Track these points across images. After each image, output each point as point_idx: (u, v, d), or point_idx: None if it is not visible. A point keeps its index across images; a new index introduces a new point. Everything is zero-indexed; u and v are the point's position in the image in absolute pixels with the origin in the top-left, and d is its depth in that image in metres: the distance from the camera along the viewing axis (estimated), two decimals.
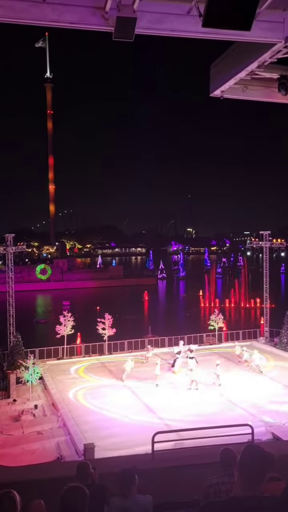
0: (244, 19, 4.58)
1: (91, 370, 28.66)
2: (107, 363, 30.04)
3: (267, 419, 20.06)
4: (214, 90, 12.76)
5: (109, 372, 27.89)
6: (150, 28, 9.16)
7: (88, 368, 29.03)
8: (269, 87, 12.57)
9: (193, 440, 10.17)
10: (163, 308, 71.00)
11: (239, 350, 30.91)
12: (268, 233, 38.29)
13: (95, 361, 30.64)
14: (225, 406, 22.07)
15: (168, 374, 27.67)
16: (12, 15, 8.67)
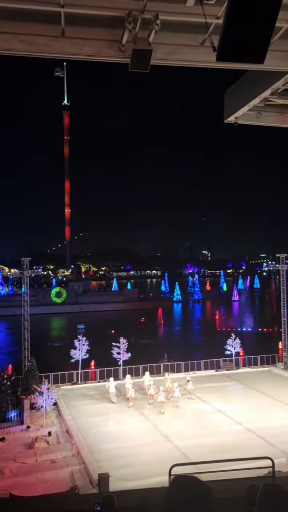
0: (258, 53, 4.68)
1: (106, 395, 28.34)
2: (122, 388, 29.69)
3: (287, 449, 19.49)
4: (228, 117, 12.96)
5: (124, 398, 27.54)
6: (165, 59, 9.42)
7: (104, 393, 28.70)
8: (283, 113, 12.72)
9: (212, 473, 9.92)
10: (179, 332, 70.35)
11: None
12: (285, 255, 38.00)
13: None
14: (242, 435, 21.56)
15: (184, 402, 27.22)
16: (33, 50, 9.04)
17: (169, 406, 25.75)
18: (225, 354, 34.57)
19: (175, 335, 67.25)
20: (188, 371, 33.38)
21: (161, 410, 24.91)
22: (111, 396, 26.97)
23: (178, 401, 25.80)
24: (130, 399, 26.32)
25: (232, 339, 34.22)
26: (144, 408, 25.66)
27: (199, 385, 30.30)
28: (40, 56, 9.18)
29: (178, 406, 25.58)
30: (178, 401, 25.79)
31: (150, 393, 26.58)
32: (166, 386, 26.92)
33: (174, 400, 25.82)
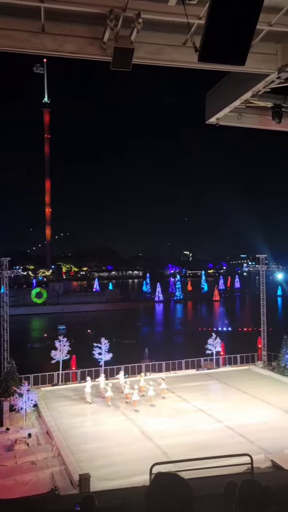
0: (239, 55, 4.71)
1: None
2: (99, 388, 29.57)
3: (265, 446, 19.72)
4: (209, 118, 13.05)
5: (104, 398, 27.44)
6: (147, 59, 9.43)
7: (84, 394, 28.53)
8: (263, 115, 12.87)
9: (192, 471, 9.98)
10: (160, 332, 70.50)
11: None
12: (264, 256, 38.50)
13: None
14: (222, 432, 21.73)
15: (162, 401, 27.32)
16: (13, 45, 8.93)
17: (146, 405, 25.89)
18: (206, 353, 34.80)
19: (157, 335, 67.36)
20: (170, 370, 33.56)
21: (136, 409, 25.10)
22: (86, 396, 27.00)
23: (152, 400, 26.03)
24: (108, 399, 26.28)
25: (213, 339, 34.47)
26: (124, 408, 25.63)
27: (180, 385, 30.45)
28: (19, 52, 9.08)
29: (153, 404, 25.80)
30: (152, 400, 26.03)
31: (125, 392, 26.71)
32: (139, 385, 27.13)
33: (148, 399, 26.06)
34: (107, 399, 26.24)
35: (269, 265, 42.10)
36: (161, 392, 27.42)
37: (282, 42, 9.66)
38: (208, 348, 34.45)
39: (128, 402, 26.31)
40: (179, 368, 34.14)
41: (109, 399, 26.30)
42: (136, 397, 25.60)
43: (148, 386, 26.66)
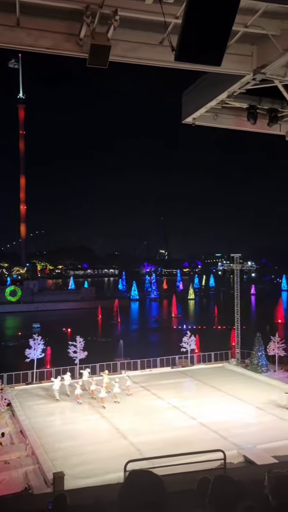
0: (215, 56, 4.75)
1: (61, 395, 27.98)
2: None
3: (238, 441, 20.00)
4: (186, 117, 13.11)
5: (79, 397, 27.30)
6: (124, 56, 9.39)
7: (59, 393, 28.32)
8: (239, 115, 13.02)
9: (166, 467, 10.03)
10: (136, 330, 70.55)
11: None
12: (239, 255, 39.07)
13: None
14: (196, 429, 21.91)
15: (140, 399, 27.41)
16: None
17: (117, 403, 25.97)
18: (181, 351, 35.04)
19: (132, 333, 67.38)
20: (145, 368, 33.66)
21: (103, 405, 25.27)
22: (55, 394, 26.99)
23: (117, 397, 26.30)
24: (79, 397, 26.28)
25: (188, 337, 34.72)
26: (99, 406, 25.55)
27: (155, 382, 30.58)
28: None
29: (118, 401, 26.05)
30: (117, 397, 26.29)
31: (91, 389, 26.96)
32: (104, 382, 27.28)
33: (113, 396, 26.27)
34: (102, 400, 25.85)
35: (244, 264, 42.73)
36: (126, 389, 27.61)
37: (258, 44, 9.78)
38: (182, 346, 34.70)
39: (94, 397, 26.51)
40: (154, 366, 34.27)
41: (80, 396, 26.28)
42: (103, 394, 25.79)
43: (114, 383, 26.85)
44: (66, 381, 27.94)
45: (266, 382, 30.67)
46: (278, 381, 30.27)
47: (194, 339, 35.24)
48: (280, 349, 32.60)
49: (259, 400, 26.33)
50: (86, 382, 28.09)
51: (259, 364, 32.84)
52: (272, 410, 24.68)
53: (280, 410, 24.54)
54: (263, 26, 9.04)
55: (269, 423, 22.82)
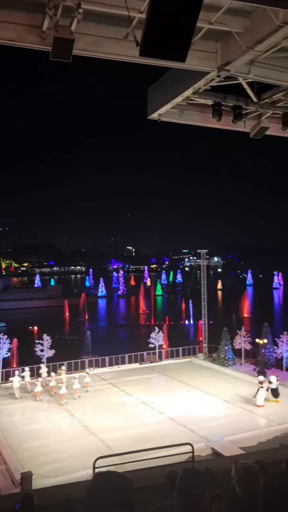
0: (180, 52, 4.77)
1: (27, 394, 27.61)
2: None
3: (206, 434, 20.33)
4: (151, 113, 13.12)
5: (48, 395, 27.02)
6: (88, 50, 9.29)
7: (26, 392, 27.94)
8: (204, 112, 13.13)
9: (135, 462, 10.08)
10: (104, 327, 70.36)
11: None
12: (205, 251, 39.51)
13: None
14: (165, 424, 22.12)
15: (108, 395, 27.41)
16: None
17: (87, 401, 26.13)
18: (149, 347, 35.22)
19: (100, 330, 67.15)
20: (113, 365, 33.64)
21: (63, 402, 25.33)
22: (15, 391, 26.83)
23: (77, 393, 26.50)
24: (38, 394, 26.26)
25: (155, 332, 34.93)
26: (68, 405, 25.38)
27: (124, 379, 30.62)
28: None
29: (77, 396, 26.32)
30: (77, 393, 26.48)
31: (50, 385, 27.07)
32: (61, 379, 27.28)
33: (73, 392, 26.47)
34: (37, 394, 26.26)
35: (210, 260, 43.30)
36: (85, 386, 27.73)
37: (222, 41, 9.89)
38: (150, 342, 34.88)
39: (54, 393, 26.59)
40: (122, 362, 34.30)
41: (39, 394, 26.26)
42: (63, 390, 25.80)
43: (74, 379, 27.00)
44: (26, 377, 27.86)
45: (233, 375, 31.29)
46: (244, 374, 30.95)
47: (162, 334, 35.50)
48: (246, 343, 33.28)
49: (226, 394, 26.82)
50: (45, 379, 28.07)
51: (226, 358, 33.43)
52: (239, 403, 25.21)
53: (247, 403, 25.08)
54: (227, 23, 9.15)
55: (236, 416, 23.29)
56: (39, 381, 27.15)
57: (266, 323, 33.65)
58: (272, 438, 20.12)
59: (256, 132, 13.49)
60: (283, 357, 31.36)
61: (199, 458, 15.74)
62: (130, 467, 11.15)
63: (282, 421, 22.01)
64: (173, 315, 70.24)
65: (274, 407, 24.35)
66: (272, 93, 12.41)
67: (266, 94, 12.55)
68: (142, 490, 7.63)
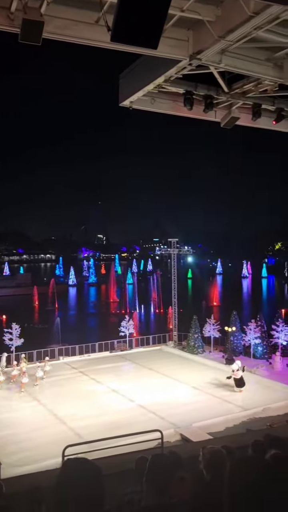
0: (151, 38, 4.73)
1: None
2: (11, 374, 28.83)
3: (175, 421, 20.66)
4: (123, 100, 12.99)
5: (15, 384, 26.78)
6: (58, 34, 9.08)
7: None
8: (175, 101, 13.10)
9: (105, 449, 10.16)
10: (74, 316, 70.05)
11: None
12: (175, 240, 39.80)
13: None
14: (135, 411, 22.34)
15: (78, 384, 27.43)
16: None
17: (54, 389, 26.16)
18: (119, 335, 35.33)
19: (70, 318, 66.84)
20: (83, 353, 33.62)
21: (22, 390, 25.55)
22: None
23: (38, 381, 26.71)
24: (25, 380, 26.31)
25: (126, 321, 35.05)
26: (37, 393, 25.26)
27: (94, 367, 30.69)
28: None
29: (36, 384, 26.49)
30: (38, 381, 26.68)
31: (13, 374, 27.25)
32: (21, 366, 27.63)
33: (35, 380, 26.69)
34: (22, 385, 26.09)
35: (180, 249, 43.65)
36: (45, 374, 27.86)
37: (194, 29, 9.84)
38: (121, 330, 34.99)
39: (13, 381, 26.73)
40: (92, 351, 34.32)
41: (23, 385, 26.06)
42: (25, 379, 25.96)
43: (37, 368, 27.27)
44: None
45: (202, 362, 31.84)
46: (213, 361, 31.52)
47: (132, 323, 35.66)
48: (215, 331, 33.83)
49: (195, 381, 27.28)
50: (3, 368, 28.10)
51: (196, 345, 33.94)
52: (207, 390, 25.70)
53: (215, 389, 25.60)
54: (198, 11, 9.10)
55: (204, 402, 23.75)
56: None
57: (235, 311, 34.27)
58: (239, 423, 20.68)
59: (227, 122, 13.58)
60: (251, 344, 32.07)
61: (168, 444, 16.04)
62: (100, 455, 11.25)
63: (249, 407, 22.61)
64: (143, 303, 70.61)
65: (240, 394, 24.92)
66: (243, 84, 12.51)
67: (236, 84, 12.63)
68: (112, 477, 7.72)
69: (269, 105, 13.77)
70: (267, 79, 11.62)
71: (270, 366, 29.97)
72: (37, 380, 26.69)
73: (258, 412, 21.96)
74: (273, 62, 11.03)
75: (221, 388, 25.53)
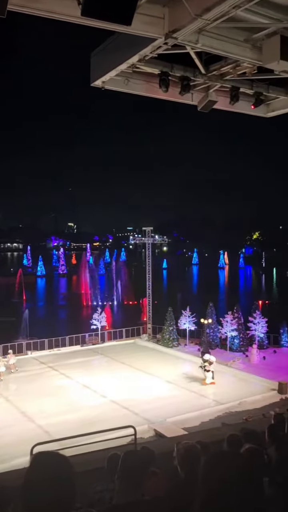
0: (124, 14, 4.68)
1: None
2: None
3: (149, 416, 20.88)
4: (95, 80, 12.79)
5: None
6: (25, 6, 8.82)
7: None
8: (150, 82, 12.99)
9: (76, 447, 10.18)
10: (43, 308, 69.50)
11: None
12: (150, 229, 39.82)
13: None
14: (107, 407, 22.45)
15: (47, 380, 27.34)
16: None
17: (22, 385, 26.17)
18: (91, 328, 35.31)
19: (39, 311, 66.28)
20: (53, 347, 33.48)
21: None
22: None
23: (2, 375, 26.83)
24: None
25: (98, 313, 35.03)
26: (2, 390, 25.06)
27: (64, 362, 30.62)
28: None
29: (1, 379, 26.63)
30: (1, 376, 26.82)
31: None
32: None
33: None
34: None
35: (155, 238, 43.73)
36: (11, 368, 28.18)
37: (170, 7, 9.74)
38: (93, 323, 34.97)
39: None
40: (62, 344, 34.22)
41: None
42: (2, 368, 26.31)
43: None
44: None
45: (177, 356, 32.20)
46: (188, 354, 31.92)
47: (104, 315, 35.68)
48: (191, 323, 34.21)
49: (170, 375, 27.59)
50: None
51: (170, 338, 34.26)
52: (182, 384, 26.03)
53: (190, 383, 25.95)
54: None
55: (179, 397, 24.06)
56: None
57: (211, 303, 34.70)
58: (215, 418, 21.07)
59: (204, 105, 13.58)
60: (227, 337, 32.58)
61: (142, 440, 16.20)
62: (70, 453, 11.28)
63: (225, 401, 23.05)
64: (116, 295, 70.61)
65: (216, 387, 25.35)
66: (221, 65, 12.48)
67: (214, 66, 12.59)
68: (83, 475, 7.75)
69: (247, 89, 13.80)
70: (246, 61, 11.64)
71: (247, 359, 30.58)
72: (1, 375, 26.64)
73: (234, 406, 22.43)
74: (251, 44, 11.04)
75: (197, 382, 25.90)
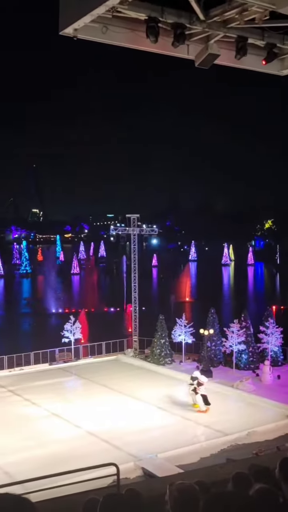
0: None
1: None
2: None
3: (135, 451, 20.92)
4: (65, 28, 12.63)
5: None
6: None
7: None
8: (135, 30, 12.89)
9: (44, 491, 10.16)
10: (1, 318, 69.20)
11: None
12: (136, 216, 39.37)
13: None
14: (83, 440, 22.47)
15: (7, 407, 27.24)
16: None
17: None
18: (62, 342, 35.21)
19: None
20: (14, 366, 33.34)
21: None
22: None
23: None
24: None
25: (71, 323, 34.93)
26: None
27: (28, 384, 30.56)
28: None
29: None
30: None
31: None
32: None
33: None
34: None
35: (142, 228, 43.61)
36: None
37: None
38: (64, 335, 34.86)
39: None
40: (26, 362, 34.09)
41: None
42: None
43: None
44: None
45: (170, 376, 32.25)
46: (184, 374, 31.92)
47: (79, 325, 35.59)
48: (188, 334, 34.17)
49: (161, 399, 27.66)
50: None
51: (162, 354, 34.32)
52: (177, 411, 26.11)
53: (186, 410, 26.04)
54: None
55: (173, 426, 24.16)
56: None
57: (213, 309, 34.79)
58: (218, 452, 21.19)
59: (203, 60, 13.52)
60: (233, 351, 32.54)
61: (127, 481, 16.22)
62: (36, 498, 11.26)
63: (230, 431, 23.16)
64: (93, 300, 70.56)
65: (218, 415, 25.42)
66: (223, 9, 12.40)
67: (215, 10, 12.49)
68: None
69: (257, 39, 13.76)
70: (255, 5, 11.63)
71: (257, 379, 30.77)
72: None
73: (241, 438, 22.57)
74: None
75: (195, 408, 26.00)
